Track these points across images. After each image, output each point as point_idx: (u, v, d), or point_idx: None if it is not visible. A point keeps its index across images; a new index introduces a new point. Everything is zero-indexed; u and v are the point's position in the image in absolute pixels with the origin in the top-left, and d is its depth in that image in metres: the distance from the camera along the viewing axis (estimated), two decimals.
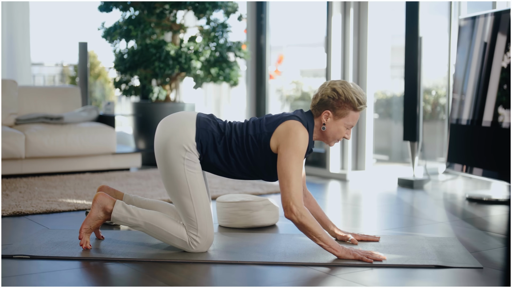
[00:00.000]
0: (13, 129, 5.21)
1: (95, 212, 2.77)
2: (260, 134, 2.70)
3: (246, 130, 2.73)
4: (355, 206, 4.13)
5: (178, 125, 2.71)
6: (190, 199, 2.68)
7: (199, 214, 2.69)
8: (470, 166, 4.30)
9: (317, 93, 2.76)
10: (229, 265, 2.58)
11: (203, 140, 2.69)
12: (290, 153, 2.62)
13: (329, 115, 2.72)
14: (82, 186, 4.58)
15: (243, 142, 2.71)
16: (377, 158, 6.17)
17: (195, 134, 2.68)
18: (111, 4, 6.00)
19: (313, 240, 2.63)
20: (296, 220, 2.61)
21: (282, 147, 2.65)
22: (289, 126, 2.67)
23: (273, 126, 2.70)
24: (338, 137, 2.77)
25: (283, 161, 2.62)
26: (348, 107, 2.71)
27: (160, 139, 2.72)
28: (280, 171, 2.63)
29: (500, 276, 2.47)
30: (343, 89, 2.70)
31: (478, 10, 4.44)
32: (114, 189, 3.02)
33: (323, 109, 2.73)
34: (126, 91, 6.25)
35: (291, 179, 2.61)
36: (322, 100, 2.72)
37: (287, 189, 2.61)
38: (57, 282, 2.35)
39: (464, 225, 3.45)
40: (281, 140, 2.66)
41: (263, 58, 6.49)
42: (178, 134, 2.68)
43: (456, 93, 4.52)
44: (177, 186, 2.69)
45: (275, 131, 2.69)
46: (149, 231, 2.74)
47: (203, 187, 2.72)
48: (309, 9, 7.36)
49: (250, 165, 2.73)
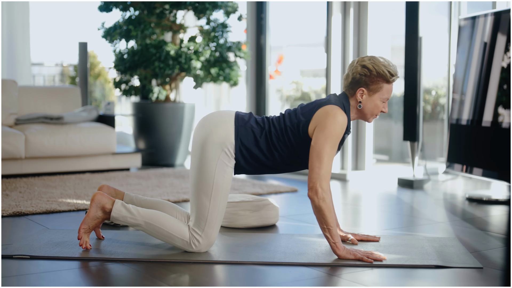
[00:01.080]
0: (13, 129, 5.21)
1: (93, 211, 2.77)
2: (298, 123, 2.69)
3: (283, 122, 2.72)
4: (355, 206, 4.13)
5: (217, 124, 2.70)
6: (209, 199, 2.68)
7: (211, 216, 2.69)
8: (470, 166, 4.30)
9: (348, 72, 2.75)
10: (229, 265, 2.58)
11: (243, 138, 2.69)
12: (326, 135, 2.61)
13: (364, 92, 2.71)
14: (82, 186, 4.58)
15: (283, 134, 2.70)
16: (377, 158, 6.17)
17: (234, 133, 2.68)
18: (111, 4, 6.00)
19: (322, 229, 2.63)
20: (316, 203, 2.60)
21: (318, 129, 2.63)
22: (327, 110, 2.66)
23: (309, 113, 2.69)
24: (376, 112, 2.75)
25: (318, 143, 2.61)
26: (381, 81, 2.70)
27: (199, 136, 2.72)
28: (313, 152, 2.62)
29: (500, 276, 2.47)
30: (373, 64, 2.70)
31: (478, 10, 4.44)
32: (114, 188, 3.02)
33: (357, 87, 2.71)
34: (126, 91, 6.25)
35: (323, 160, 2.60)
36: (354, 79, 2.71)
37: (318, 170, 2.60)
38: (57, 282, 2.35)
39: (464, 225, 3.45)
40: (319, 121, 2.64)
41: (263, 58, 6.49)
42: (217, 133, 2.68)
43: (456, 93, 4.52)
44: (202, 183, 2.68)
45: (313, 117, 2.67)
46: (149, 231, 2.73)
47: (226, 193, 2.71)
48: (309, 9, 7.36)
49: (293, 156, 2.72)
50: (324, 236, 2.97)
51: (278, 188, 4.57)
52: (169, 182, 4.79)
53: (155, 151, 6.01)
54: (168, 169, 5.56)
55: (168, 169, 5.56)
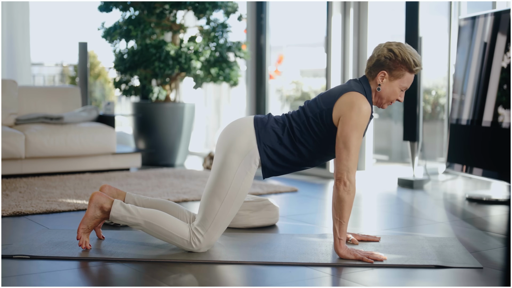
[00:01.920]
0: (13, 129, 5.21)
1: (91, 211, 2.77)
2: (320, 112, 2.67)
3: (304, 114, 2.71)
4: (355, 206, 4.13)
5: (238, 132, 2.70)
6: (221, 202, 2.67)
7: (218, 219, 2.68)
8: (470, 166, 4.30)
9: (373, 54, 2.73)
10: (229, 265, 2.58)
11: (265, 140, 2.68)
12: (352, 127, 2.60)
13: (385, 75, 2.70)
14: (82, 186, 4.58)
15: (306, 126, 2.69)
16: (377, 158, 6.17)
17: (256, 137, 2.67)
18: (111, 4, 6.00)
19: (334, 220, 2.63)
20: (341, 193, 2.59)
21: (344, 119, 2.62)
22: (352, 99, 2.64)
23: (331, 100, 2.67)
24: (392, 98, 2.74)
25: (344, 134, 2.60)
26: (404, 68, 2.69)
27: (222, 145, 2.72)
28: (340, 143, 2.61)
29: (500, 276, 2.47)
30: (400, 49, 2.68)
31: (478, 10, 4.44)
32: (116, 188, 3.02)
33: (379, 69, 2.70)
34: (126, 91, 6.25)
35: (350, 151, 2.60)
36: (379, 61, 2.69)
37: (346, 162, 2.60)
38: (57, 282, 2.35)
39: (464, 225, 3.45)
40: (344, 112, 2.62)
41: (263, 58, 6.49)
42: (239, 141, 2.68)
43: (456, 93, 4.52)
44: (218, 186, 2.68)
45: (336, 104, 2.65)
46: (148, 230, 2.73)
47: (239, 200, 2.70)
48: (309, 9, 7.36)
49: (320, 147, 2.70)
50: (325, 234, 2.98)
51: (278, 188, 4.57)
52: (169, 182, 4.79)
53: (155, 151, 6.01)
54: (168, 169, 5.56)
55: (168, 169, 5.56)
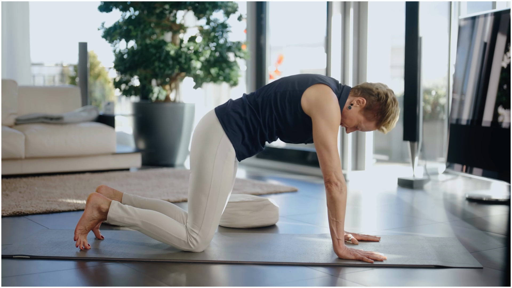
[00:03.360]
0: (13, 129, 5.21)
1: (89, 212, 2.77)
2: (293, 91, 2.69)
3: (274, 89, 2.72)
4: (355, 206, 4.13)
5: (205, 128, 2.72)
6: (206, 197, 2.68)
7: (208, 214, 2.68)
8: (470, 166, 4.30)
9: (374, 83, 2.75)
10: (229, 265, 2.58)
11: (231, 124, 2.69)
12: (325, 126, 2.61)
13: (362, 104, 2.71)
14: (82, 186, 4.58)
15: (271, 101, 2.69)
16: (377, 158, 6.17)
17: (221, 126, 2.69)
18: (111, 4, 6.00)
19: (331, 221, 2.63)
20: (334, 193, 2.60)
21: (316, 121, 2.63)
22: (319, 97, 2.65)
23: (301, 90, 2.68)
24: (350, 124, 2.76)
25: (320, 136, 2.62)
26: (377, 117, 2.72)
27: (195, 143, 2.73)
28: (319, 145, 2.62)
29: (500, 276, 2.47)
30: (391, 104, 2.71)
31: (478, 10, 4.44)
32: (113, 189, 3.02)
33: (364, 96, 2.72)
34: (126, 91, 6.25)
35: (331, 151, 2.61)
36: (370, 92, 2.71)
37: (330, 163, 2.60)
38: (57, 282, 2.35)
39: (464, 225, 3.45)
40: (313, 106, 2.64)
41: (263, 58, 6.49)
42: (209, 134, 2.69)
43: (456, 93, 4.52)
44: (200, 181, 2.68)
45: (305, 93, 2.67)
46: (146, 231, 2.73)
47: (224, 191, 2.71)
48: (309, 9, 7.36)
49: (282, 122, 2.70)
50: (326, 234, 2.98)
51: (278, 188, 4.57)
52: (169, 182, 4.79)
53: (155, 151, 6.01)
54: (168, 169, 5.56)
55: (168, 169, 5.56)
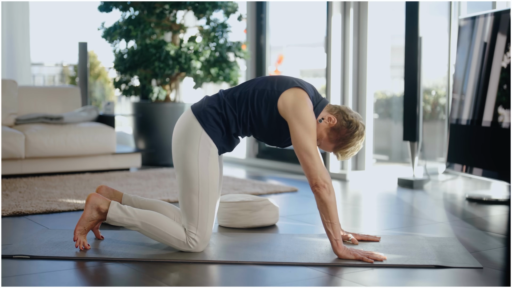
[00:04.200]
0: (13, 129, 5.21)
1: (88, 212, 2.77)
2: (271, 91, 2.69)
3: (253, 86, 2.72)
4: (355, 206, 4.13)
5: (183, 127, 2.71)
6: (197, 196, 2.68)
7: (202, 213, 2.68)
8: (470, 166, 4.30)
9: (353, 111, 2.77)
10: (229, 265, 2.58)
11: (208, 120, 2.68)
12: (303, 131, 2.62)
13: (332, 123, 2.72)
14: (82, 186, 4.58)
15: (248, 98, 2.70)
16: (377, 158, 6.17)
17: (199, 122, 2.68)
18: (111, 4, 6.00)
19: (326, 224, 2.62)
20: (323, 196, 2.60)
21: (292, 121, 2.63)
22: (298, 96, 2.66)
23: (283, 87, 2.69)
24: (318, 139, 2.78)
25: (298, 139, 2.62)
26: (338, 142, 2.74)
27: (176, 145, 2.73)
28: (300, 151, 2.62)
29: (500, 276, 2.47)
30: (357, 137, 2.73)
31: (478, 10, 4.44)
32: (113, 189, 3.02)
33: (337, 116, 2.73)
34: (126, 91, 6.25)
35: (312, 155, 2.61)
36: (346, 116, 2.73)
37: (314, 167, 2.61)
38: (57, 282, 2.35)
39: (464, 225, 3.45)
40: (289, 110, 2.64)
41: (263, 58, 6.49)
42: (188, 133, 2.69)
43: (456, 93, 4.52)
44: (187, 181, 2.68)
45: (282, 95, 2.67)
46: (145, 231, 2.73)
47: (213, 186, 2.71)
48: (309, 9, 7.36)
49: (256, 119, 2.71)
50: (326, 234, 2.98)
51: (278, 188, 4.56)
52: (169, 182, 4.79)
53: (155, 151, 6.01)
54: (168, 169, 5.55)
55: (168, 169, 5.55)
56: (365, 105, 5.44)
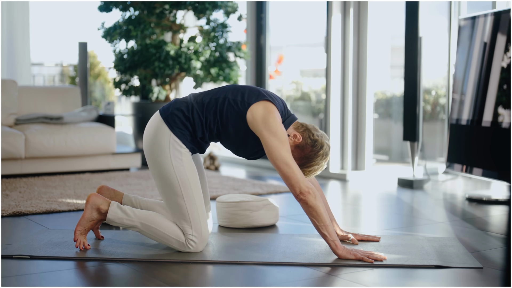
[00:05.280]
0: (13, 129, 5.21)
1: (88, 213, 2.77)
2: (242, 102, 2.67)
3: (224, 93, 2.70)
4: (355, 206, 4.13)
5: (152, 131, 2.71)
6: (182, 198, 2.67)
7: (192, 213, 2.68)
8: (470, 166, 4.30)
9: (320, 131, 2.77)
10: (228, 265, 2.58)
11: (176, 123, 2.67)
12: (276, 142, 2.60)
13: (297, 140, 2.72)
14: (82, 186, 4.58)
15: (217, 105, 2.68)
16: (377, 158, 6.17)
17: (167, 126, 2.67)
18: (111, 4, 6.00)
19: (319, 227, 2.61)
20: (310, 202, 2.58)
21: (263, 133, 2.62)
22: (267, 109, 2.64)
23: (254, 99, 2.67)
24: None
25: (273, 151, 2.60)
26: (301, 160, 2.73)
27: (147, 151, 2.73)
28: (275, 160, 2.60)
29: (500, 276, 2.47)
30: (321, 157, 2.73)
31: (478, 10, 4.44)
32: (114, 189, 3.02)
33: (303, 134, 2.73)
34: (126, 91, 6.25)
35: (289, 164, 2.59)
36: (312, 135, 2.72)
37: (293, 175, 2.59)
38: (57, 282, 2.35)
39: (464, 225, 3.45)
40: (259, 123, 2.63)
41: (263, 58, 6.49)
42: (157, 137, 2.68)
43: (456, 93, 4.52)
44: (167, 186, 2.68)
45: (252, 107, 2.65)
46: (145, 232, 2.73)
47: (194, 183, 2.70)
48: (309, 9, 7.36)
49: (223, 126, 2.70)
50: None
51: (278, 188, 4.56)
52: None
53: None
54: None
55: None
56: (365, 105, 5.44)
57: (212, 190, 4.36)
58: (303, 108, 7.23)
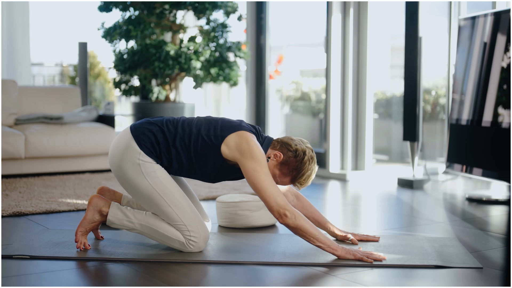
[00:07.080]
0: (13, 129, 5.21)
1: (90, 215, 2.77)
2: (215, 136, 2.67)
3: (197, 128, 2.70)
4: (355, 206, 4.13)
5: (121, 150, 2.71)
6: (169, 206, 2.68)
7: (183, 216, 2.68)
8: (470, 166, 4.30)
9: (295, 139, 2.75)
10: (228, 265, 2.58)
11: (147, 142, 2.67)
12: (253, 165, 2.59)
13: (279, 158, 2.71)
14: (82, 186, 4.58)
15: (191, 140, 2.68)
16: (377, 158, 6.17)
17: (137, 144, 2.67)
18: (111, 4, 6.00)
19: (311, 242, 2.62)
20: (292, 224, 2.58)
21: (241, 160, 2.62)
22: (240, 136, 2.65)
23: (227, 131, 2.67)
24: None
25: (249, 176, 2.60)
26: (292, 173, 2.72)
27: (116, 171, 2.74)
28: (252, 186, 2.61)
29: (500, 276, 2.47)
30: (308, 162, 2.71)
31: (478, 10, 4.44)
32: (113, 190, 3.02)
33: (282, 150, 2.72)
34: (126, 91, 6.25)
35: (266, 189, 2.58)
36: (289, 146, 2.71)
37: (269, 199, 2.59)
38: (57, 282, 2.35)
39: (464, 225, 3.45)
40: (235, 152, 2.63)
41: (263, 58, 6.49)
42: (127, 156, 2.68)
43: (456, 93, 4.52)
44: (150, 200, 2.69)
45: (226, 140, 2.66)
46: (145, 233, 2.74)
47: (175, 189, 2.69)
48: (309, 9, 7.36)
49: (192, 161, 2.70)
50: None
51: None
52: None
53: None
54: None
55: None
56: (365, 105, 5.45)
57: (212, 190, 4.36)
58: (303, 108, 7.23)
